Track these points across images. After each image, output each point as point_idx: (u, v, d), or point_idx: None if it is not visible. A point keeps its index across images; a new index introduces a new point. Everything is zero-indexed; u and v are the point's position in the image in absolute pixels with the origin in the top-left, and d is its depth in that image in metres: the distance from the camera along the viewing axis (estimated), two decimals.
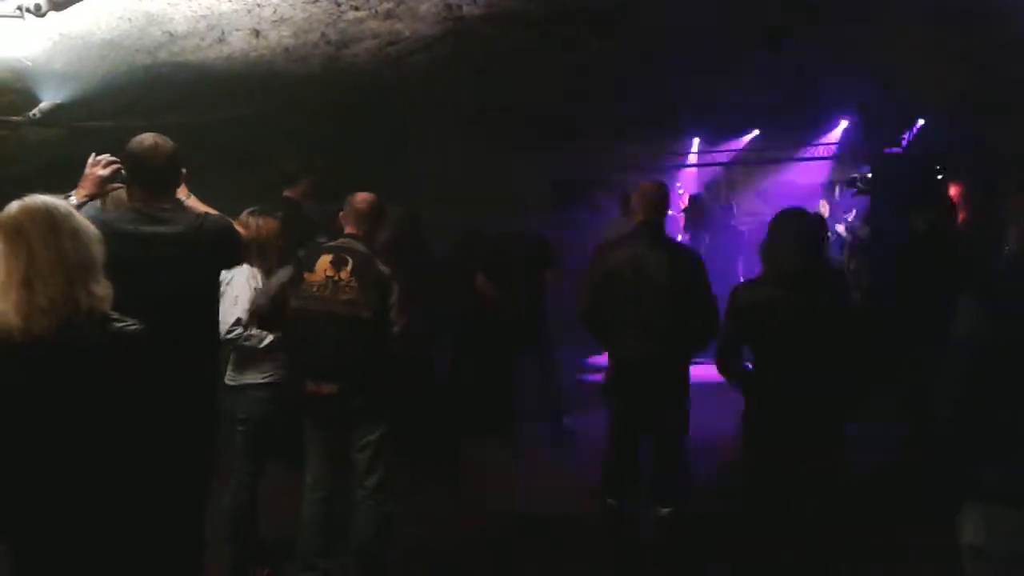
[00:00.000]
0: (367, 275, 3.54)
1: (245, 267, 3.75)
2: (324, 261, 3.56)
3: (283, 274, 3.64)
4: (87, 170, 2.92)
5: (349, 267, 3.55)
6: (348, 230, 3.68)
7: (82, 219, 2.09)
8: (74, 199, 2.83)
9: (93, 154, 2.96)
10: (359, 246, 3.61)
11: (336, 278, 3.53)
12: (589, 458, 4.38)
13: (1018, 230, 2.38)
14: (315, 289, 3.52)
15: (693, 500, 4.00)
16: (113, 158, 2.94)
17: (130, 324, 2.05)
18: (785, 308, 3.26)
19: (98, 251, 2.07)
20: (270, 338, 3.72)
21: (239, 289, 3.72)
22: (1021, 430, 2.20)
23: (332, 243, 3.65)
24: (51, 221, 2.00)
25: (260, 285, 3.77)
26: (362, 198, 3.72)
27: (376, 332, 3.52)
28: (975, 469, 2.27)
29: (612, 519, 3.95)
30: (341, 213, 3.76)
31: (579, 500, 4.43)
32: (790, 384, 3.26)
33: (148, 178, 2.91)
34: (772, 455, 3.32)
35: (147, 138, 2.93)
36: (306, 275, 3.54)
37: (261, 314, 3.63)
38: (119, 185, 2.96)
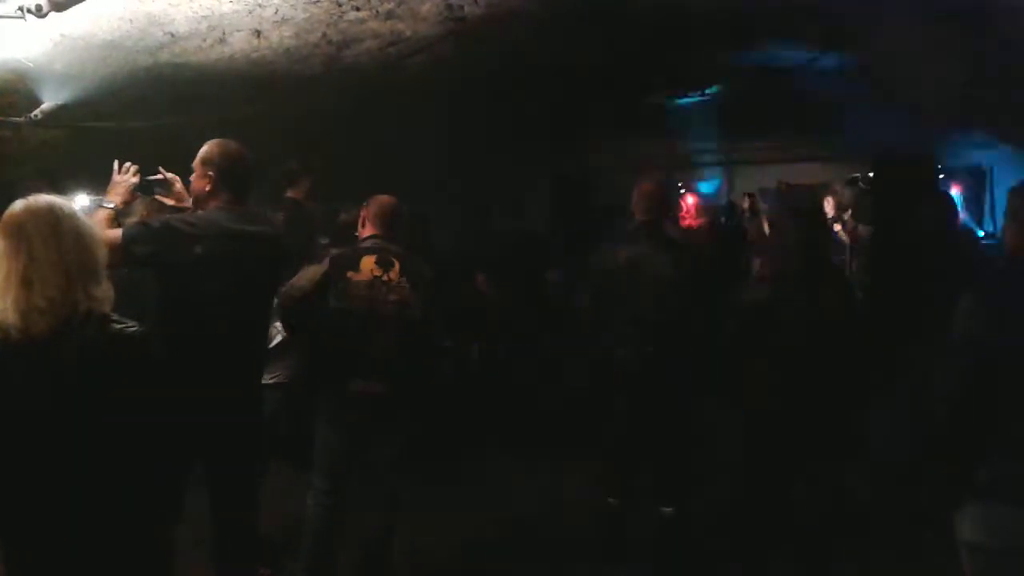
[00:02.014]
0: (417, 276, 3.56)
1: None
2: (369, 261, 3.54)
3: (311, 272, 3.59)
4: (116, 177, 3.04)
5: (397, 268, 3.55)
6: (373, 231, 3.66)
7: (85, 220, 2.09)
8: (112, 204, 2.98)
9: (116, 161, 3.06)
10: (395, 247, 3.61)
11: (385, 278, 3.53)
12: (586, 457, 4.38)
13: (1016, 229, 2.38)
14: (361, 289, 3.52)
15: (694, 500, 4.00)
16: (136, 165, 3.08)
17: (130, 326, 2.05)
18: (785, 307, 3.26)
19: (100, 253, 2.07)
20: (279, 338, 3.72)
21: None
22: (1020, 429, 2.21)
23: (367, 244, 3.64)
24: (53, 221, 2.00)
25: None
26: (387, 200, 3.72)
27: (422, 332, 3.54)
28: (974, 467, 2.27)
29: (613, 518, 3.96)
30: (363, 215, 3.75)
31: (580, 499, 4.43)
32: (790, 383, 3.26)
33: (238, 181, 3.06)
34: (772, 455, 3.33)
35: (230, 143, 3.08)
36: (350, 274, 3.53)
37: (290, 311, 3.59)
38: (136, 194, 3.12)
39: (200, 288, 2.90)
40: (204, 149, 3.06)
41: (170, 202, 3.17)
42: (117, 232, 2.85)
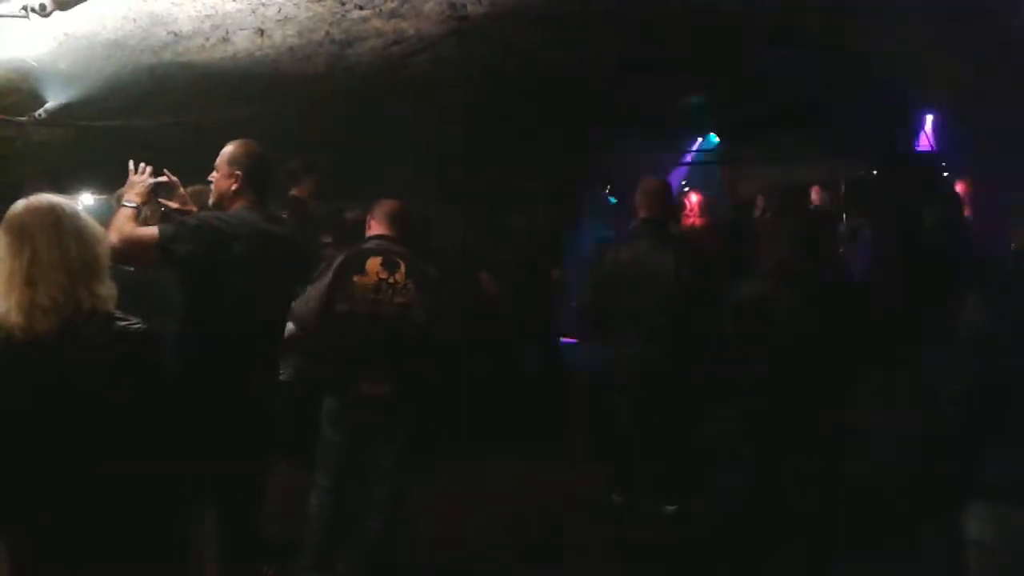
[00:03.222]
0: (422, 277, 3.55)
1: None
2: (374, 264, 3.54)
3: (322, 282, 3.60)
4: (133, 177, 2.97)
5: (403, 269, 3.55)
6: (379, 231, 3.66)
7: (88, 218, 2.08)
8: (133, 204, 2.90)
9: (132, 161, 3.00)
10: (400, 248, 3.61)
11: (390, 280, 3.53)
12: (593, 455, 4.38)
13: None
14: (368, 292, 3.52)
15: (698, 497, 4.00)
16: (151, 166, 3.02)
17: (134, 323, 2.05)
18: (782, 303, 3.25)
19: (103, 251, 2.06)
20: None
21: None
22: None
23: (372, 245, 3.64)
24: (55, 220, 2.00)
25: None
26: (392, 202, 3.74)
27: (428, 334, 3.54)
28: (982, 467, 2.27)
29: (617, 516, 3.96)
30: (370, 215, 3.76)
31: (584, 497, 4.43)
32: (787, 379, 3.25)
33: (262, 181, 3.06)
34: (769, 451, 3.33)
35: (254, 143, 3.07)
36: (356, 278, 3.53)
37: (307, 325, 3.61)
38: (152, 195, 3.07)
39: (233, 288, 2.88)
40: (229, 149, 3.04)
41: (174, 205, 3.11)
42: (152, 230, 2.81)
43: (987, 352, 2.23)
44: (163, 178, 3.08)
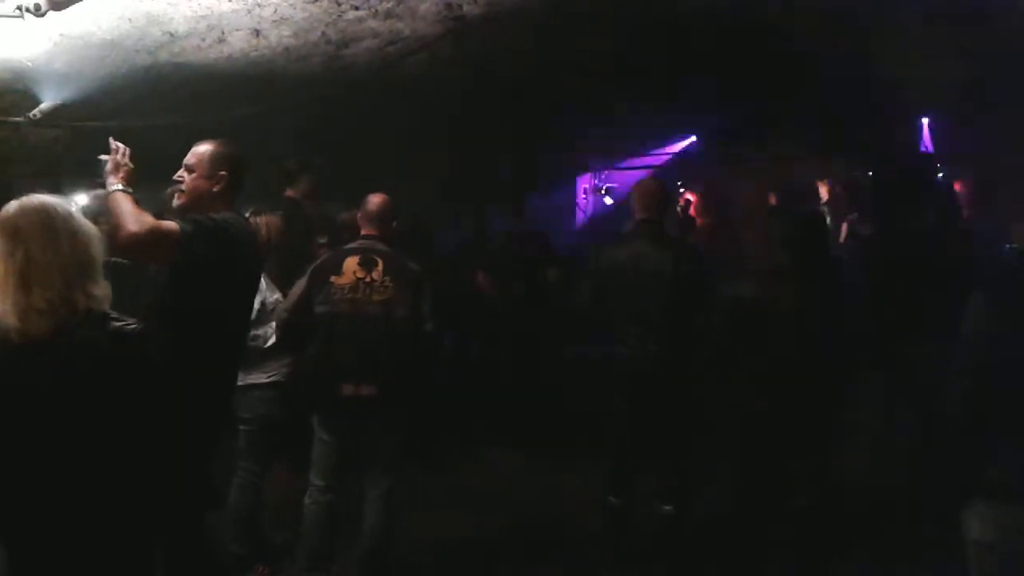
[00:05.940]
0: (401, 274, 3.55)
1: None
2: (351, 263, 3.55)
3: (301, 283, 3.60)
4: (118, 158, 2.74)
5: (380, 267, 3.55)
6: (365, 231, 3.68)
7: (82, 219, 2.07)
8: (129, 189, 2.69)
9: (112, 139, 2.79)
10: (382, 246, 3.61)
11: (367, 279, 3.53)
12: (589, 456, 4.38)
13: None
14: (345, 292, 3.51)
15: (695, 499, 3.99)
16: (128, 148, 2.81)
17: (129, 323, 2.04)
18: (777, 303, 3.25)
19: (97, 251, 2.05)
20: (274, 338, 3.72)
21: None
22: None
23: (354, 245, 3.64)
24: (48, 221, 1.99)
25: (265, 284, 3.77)
26: (378, 199, 3.72)
27: (410, 330, 3.53)
28: (984, 466, 2.26)
29: (613, 517, 3.95)
30: (358, 215, 3.76)
31: (580, 498, 4.42)
32: (781, 380, 3.25)
33: (242, 184, 2.96)
34: (763, 452, 3.32)
35: (236, 144, 2.96)
36: (333, 278, 3.53)
37: (288, 327, 3.60)
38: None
39: (228, 291, 2.85)
40: (212, 149, 2.89)
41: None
42: (171, 225, 2.64)
43: (989, 351, 2.23)
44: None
